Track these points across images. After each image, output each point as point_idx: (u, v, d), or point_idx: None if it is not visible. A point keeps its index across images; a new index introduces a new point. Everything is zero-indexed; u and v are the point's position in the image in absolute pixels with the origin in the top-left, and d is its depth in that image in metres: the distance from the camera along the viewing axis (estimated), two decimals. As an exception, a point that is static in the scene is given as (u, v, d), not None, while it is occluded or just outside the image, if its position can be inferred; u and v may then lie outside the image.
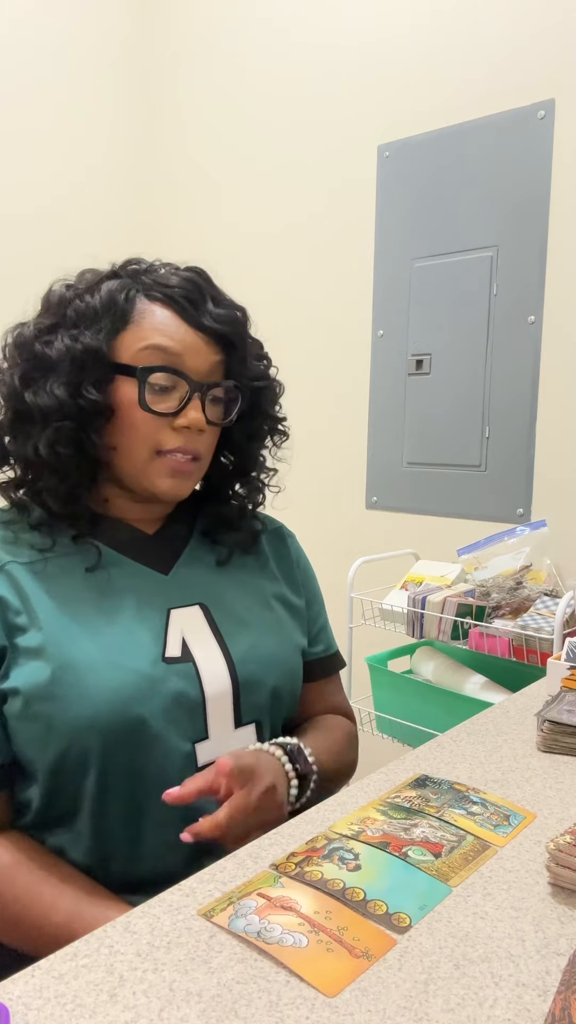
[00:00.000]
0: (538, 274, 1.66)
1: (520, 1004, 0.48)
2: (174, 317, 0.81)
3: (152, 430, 0.80)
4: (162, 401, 0.80)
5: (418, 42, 1.80)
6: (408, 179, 1.85)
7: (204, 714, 0.79)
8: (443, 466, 1.85)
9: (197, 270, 0.85)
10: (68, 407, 0.77)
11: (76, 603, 0.78)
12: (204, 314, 0.81)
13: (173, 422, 0.81)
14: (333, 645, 1.02)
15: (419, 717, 1.55)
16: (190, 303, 0.81)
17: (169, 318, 0.80)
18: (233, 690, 0.82)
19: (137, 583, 0.83)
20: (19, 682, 0.74)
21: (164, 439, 0.81)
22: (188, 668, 0.79)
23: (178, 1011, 0.47)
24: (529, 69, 1.64)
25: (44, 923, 0.70)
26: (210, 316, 0.81)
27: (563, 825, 0.71)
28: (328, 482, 2.06)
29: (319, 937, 0.54)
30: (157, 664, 0.78)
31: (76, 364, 0.78)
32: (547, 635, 1.36)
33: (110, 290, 0.81)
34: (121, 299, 0.80)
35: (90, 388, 0.77)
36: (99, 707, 0.73)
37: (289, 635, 0.91)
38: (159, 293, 0.81)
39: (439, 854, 0.65)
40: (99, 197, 2.31)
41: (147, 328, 0.80)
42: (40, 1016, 0.47)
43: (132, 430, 0.80)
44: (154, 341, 0.79)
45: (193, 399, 0.80)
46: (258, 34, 2.13)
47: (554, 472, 1.68)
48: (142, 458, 0.81)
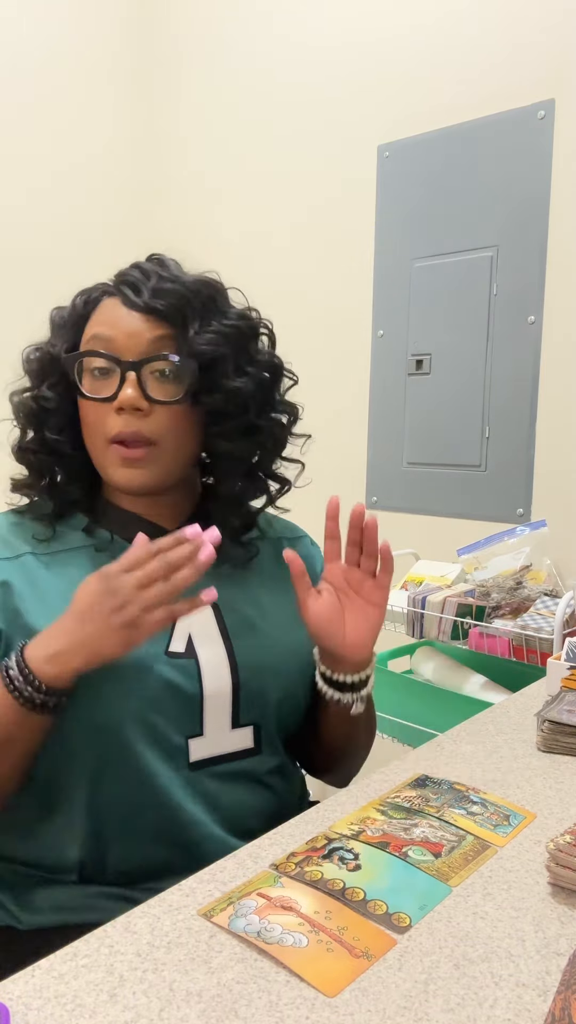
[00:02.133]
0: (538, 274, 1.66)
1: (520, 1004, 0.48)
2: (115, 304, 0.81)
3: (99, 418, 0.80)
4: (102, 388, 0.80)
5: (418, 42, 1.80)
6: (408, 179, 1.85)
7: (200, 710, 0.79)
8: (443, 466, 1.85)
9: (156, 256, 0.86)
10: (30, 408, 0.83)
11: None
12: (143, 293, 0.80)
13: (114, 406, 0.79)
14: None
15: (419, 717, 1.54)
16: (132, 287, 0.81)
17: (112, 306, 0.81)
18: (233, 690, 0.82)
19: None
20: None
21: (110, 425, 0.79)
22: (190, 664, 0.80)
23: (178, 1011, 0.47)
24: (529, 69, 1.64)
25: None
26: (150, 293, 0.80)
27: (563, 825, 0.71)
28: (328, 482, 2.05)
29: (319, 937, 0.54)
30: (158, 657, 0.78)
31: (42, 370, 0.83)
32: (547, 635, 1.36)
33: (77, 296, 0.85)
34: (80, 303, 0.84)
35: (45, 389, 0.82)
36: (97, 696, 0.74)
37: (299, 644, 0.89)
38: (114, 287, 0.83)
39: (439, 854, 0.65)
40: (99, 197, 2.31)
41: (93, 322, 0.82)
42: (40, 1016, 0.47)
43: (84, 421, 0.82)
44: (93, 331, 0.81)
45: (127, 378, 0.78)
46: (258, 34, 2.13)
47: (554, 472, 1.68)
48: (98, 449, 0.81)
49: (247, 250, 2.19)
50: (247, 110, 2.18)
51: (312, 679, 0.88)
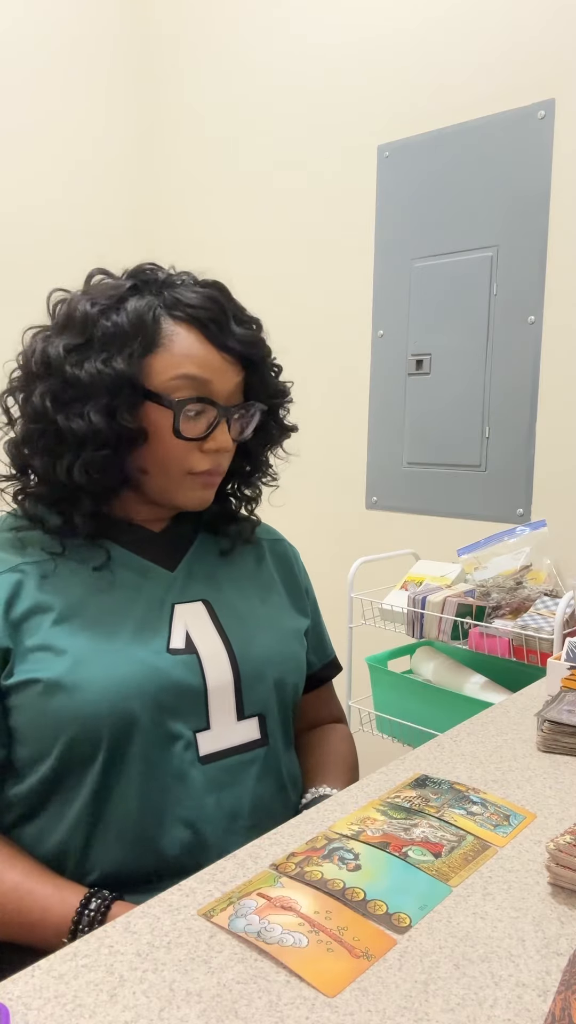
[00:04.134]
0: (538, 274, 1.66)
1: (520, 1004, 0.48)
2: (201, 341, 0.81)
3: (183, 454, 0.83)
4: (193, 427, 0.82)
5: (418, 42, 1.80)
6: (408, 179, 1.85)
7: (206, 704, 0.81)
8: (443, 466, 1.85)
9: (218, 287, 0.85)
10: (104, 434, 0.77)
11: (87, 600, 0.80)
12: (228, 335, 0.82)
13: (202, 445, 0.83)
14: (331, 651, 1.07)
15: (419, 717, 1.55)
16: (215, 324, 0.81)
17: (196, 343, 0.81)
18: (235, 681, 0.83)
19: (144, 580, 0.85)
20: (32, 675, 0.75)
21: (195, 462, 0.83)
22: (191, 659, 0.81)
23: (178, 1011, 0.47)
24: (529, 69, 1.64)
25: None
26: (234, 337, 0.82)
27: (563, 825, 0.71)
28: (328, 482, 2.06)
29: (319, 937, 0.54)
30: (162, 655, 0.80)
31: (110, 390, 0.77)
32: (547, 635, 1.36)
33: (136, 310, 0.79)
34: (149, 320, 0.79)
35: (125, 415, 0.78)
36: (108, 696, 0.75)
37: (290, 631, 0.93)
38: (183, 313, 0.81)
39: (439, 854, 0.65)
40: (98, 197, 2.31)
41: (177, 355, 0.80)
42: (40, 1016, 0.47)
43: (165, 454, 0.82)
44: (185, 370, 0.80)
45: (221, 423, 0.83)
46: (257, 34, 2.13)
47: (554, 472, 1.68)
48: (174, 479, 0.84)
49: (247, 250, 2.19)
50: (247, 110, 2.18)
51: (304, 666, 0.94)
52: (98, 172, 2.31)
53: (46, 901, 0.71)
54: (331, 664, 1.06)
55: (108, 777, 0.76)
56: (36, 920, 0.71)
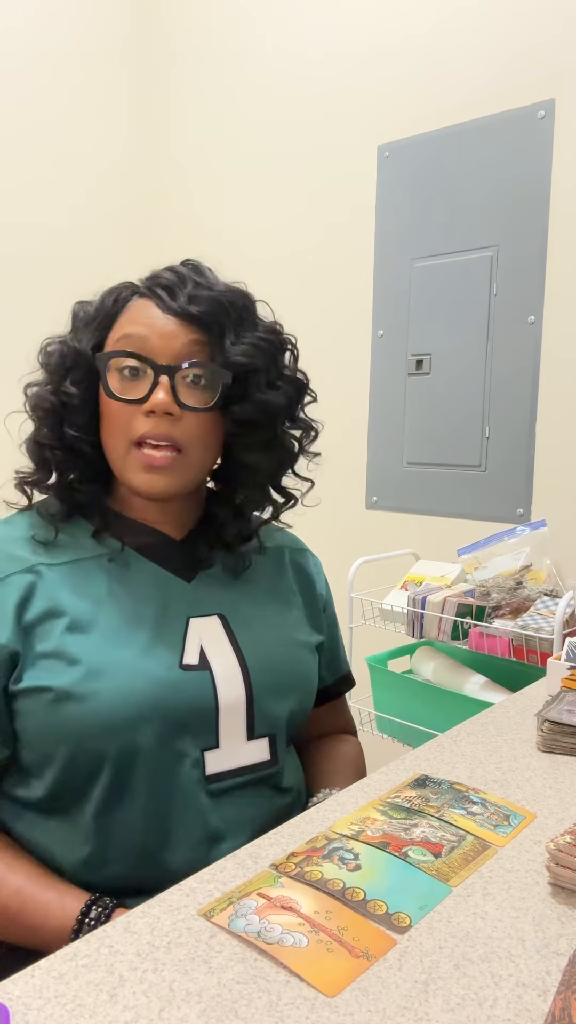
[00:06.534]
0: (538, 274, 1.66)
1: (520, 1004, 0.48)
2: (149, 306, 0.80)
3: (125, 419, 0.78)
4: (132, 389, 0.79)
5: (418, 42, 1.80)
6: (408, 179, 1.85)
7: (216, 723, 0.79)
8: (443, 466, 1.85)
9: (191, 262, 0.85)
10: (50, 403, 0.81)
11: (102, 607, 0.79)
12: (179, 298, 0.79)
13: (143, 408, 0.78)
14: (345, 667, 1.05)
15: (419, 717, 1.55)
16: (168, 290, 0.80)
17: (144, 307, 0.81)
18: (247, 700, 0.81)
19: (160, 590, 0.83)
20: (43, 682, 0.74)
21: (136, 427, 0.78)
22: (204, 676, 0.79)
23: (178, 1011, 0.47)
24: (529, 69, 1.64)
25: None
26: (186, 298, 0.79)
27: (563, 825, 0.71)
28: (328, 482, 2.05)
29: (319, 937, 0.54)
30: (174, 670, 0.78)
31: (63, 364, 0.81)
32: (547, 635, 1.36)
33: (105, 294, 0.83)
34: (110, 301, 0.82)
35: (68, 384, 0.80)
36: (118, 711, 0.73)
37: (305, 648, 0.91)
38: (146, 288, 0.82)
39: (439, 854, 0.65)
40: (98, 197, 2.31)
41: (124, 321, 0.81)
42: (40, 1016, 0.47)
43: (106, 421, 0.81)
44: (124, 331, 0.80)
45: (160, 382, 0.77)
46: (258, 34, 2.13)
47: (554, 472, 1.68)
48: (120, 451, 0.80)
49: (247, 250, 2.19)
50: (247, 110, 2.18)
51: (315, 686, 0.91)
52: (98, 176, 2.30)
53: (48, 907, 0.71)
54: (344, 679, 1.03)
55: (114, 790, 0.75)
56: (37, 925, 0.71)
